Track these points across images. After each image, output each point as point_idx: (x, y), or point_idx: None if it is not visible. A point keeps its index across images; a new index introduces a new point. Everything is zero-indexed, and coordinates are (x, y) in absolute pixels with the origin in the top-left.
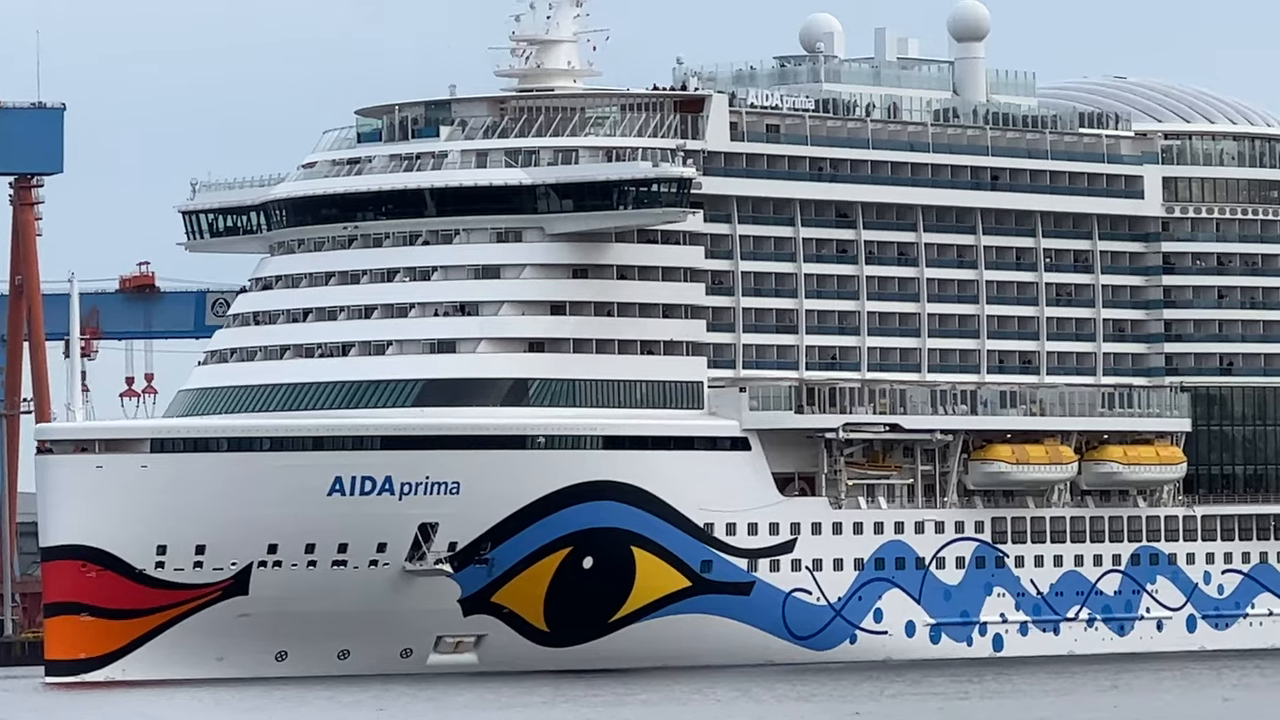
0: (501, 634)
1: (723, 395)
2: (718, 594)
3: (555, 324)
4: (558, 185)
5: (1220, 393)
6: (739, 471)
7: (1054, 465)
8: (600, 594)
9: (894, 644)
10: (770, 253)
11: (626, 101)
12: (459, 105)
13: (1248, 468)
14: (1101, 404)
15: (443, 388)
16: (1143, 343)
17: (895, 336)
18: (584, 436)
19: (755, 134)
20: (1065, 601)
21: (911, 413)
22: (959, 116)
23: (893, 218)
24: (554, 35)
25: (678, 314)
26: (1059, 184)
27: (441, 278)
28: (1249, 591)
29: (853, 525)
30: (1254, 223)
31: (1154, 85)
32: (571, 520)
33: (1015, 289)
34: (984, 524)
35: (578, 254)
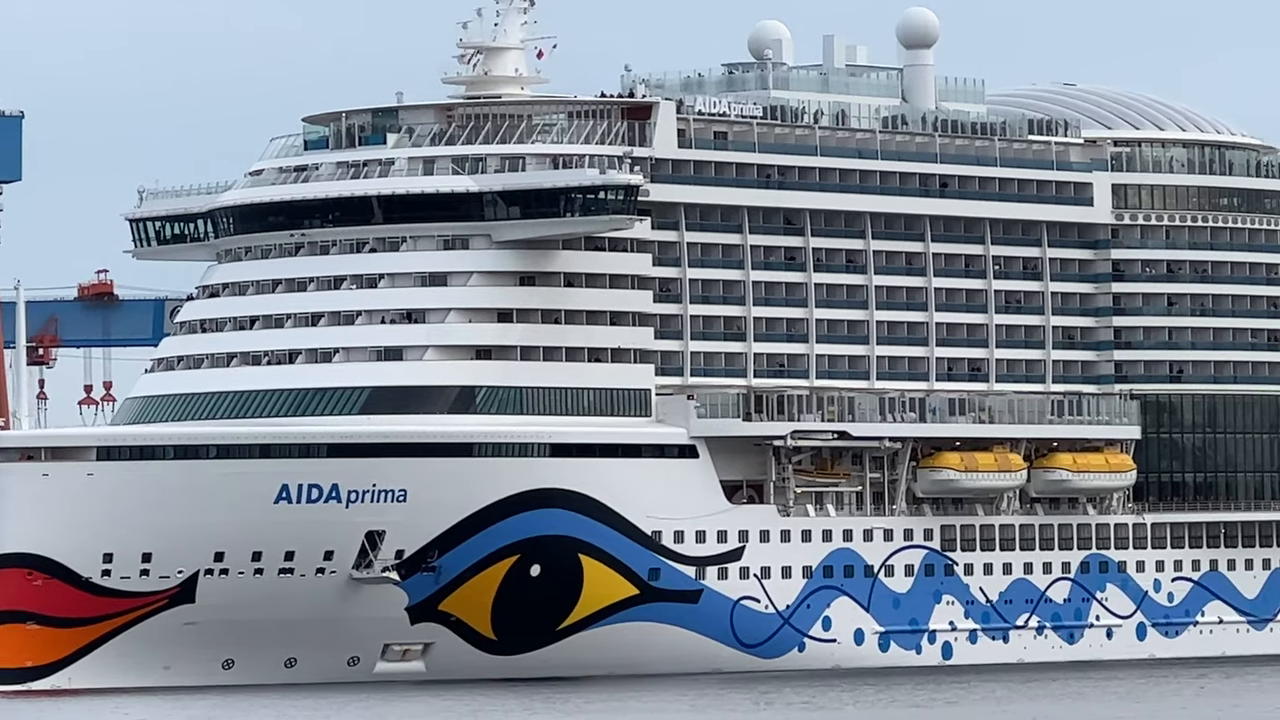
0: (449, 642)
1: (670, 403)
2: (665, 602)
3: (502, 331)
4: (505, 192)
5: (1170, 400)
6: (687, 479)
7: (1003, 473)
8: (548, 602)
9: (843, 652)
10: (718, 260)
11: (574, 109)
12: (406, 112)
13: (1198, 475)
14: (1051, 411)
15: (389, 395)
16: (1092, 350)
17: (844, 344)
18: (531, 444)
19: (703, 141)
20: (1015, 609)
21: (860, 420)
22: (907, 124)
23: (841, 225)
24: (501, 42)
25: (625, 321)
26: (1008, 191)
27: (388, 285)
28: (1199, 599)
29: (801, 533)
30: (1204, 230)
31: (1103, 92)
32: (519, 528)
33: (964, 296)
34: (933, 532)
35: (525, 261)
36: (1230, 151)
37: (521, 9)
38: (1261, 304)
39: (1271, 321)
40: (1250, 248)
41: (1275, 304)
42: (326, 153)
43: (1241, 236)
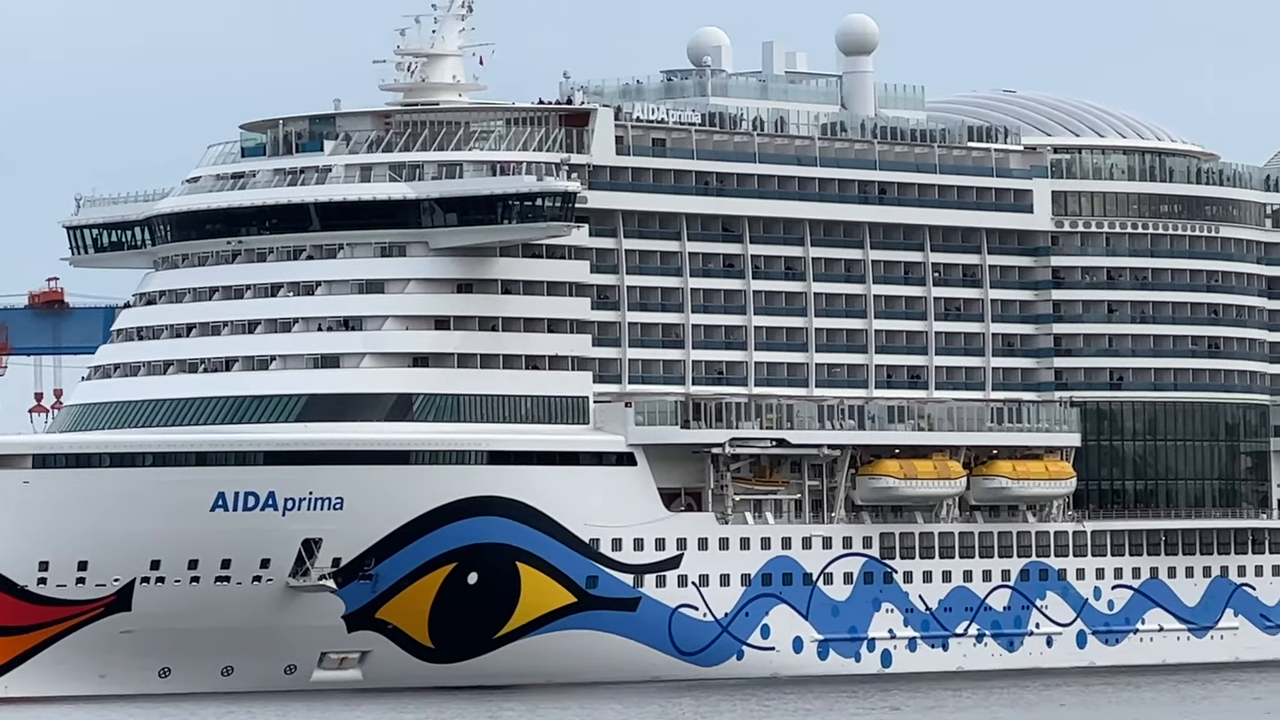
0: (386, 650)
1: (608, 410)
2: (603, 610)
3: (439, 339)
4: (442, 199)
5: (1110, 407)
6: (625, 487)
7: (942, 480)
8: (485, 610)
9: (781, 660)
10: (656, 267)
11: (512, 115)
12: (343, 119)
13: (1138, 483)
14: (990, 419)
15: (326, 403)
16: (1032, 357)
17: (782, 351)
18: (468, 451)
19: (641, 148)
20: (954, 617)
21: (799, 428)
22: (847, 130)
23: (780, 232)
24: (439, 49)
25: (563, 329)
26: (947, 198)
27: (325, 292)
28: (1139, 607)
29: (739, 541)
30: (1144, 237)
31: (1043, 99)
32: (456, 536)
33: (903, 303)
34: (872, 539)
35: (462, 268)
36: (1171, 158)
37: (460, 16)
38: (1202, 311)
39: (1212, 329)
40: (1191, 255)
41: (1216, 311)
42: (263, 160)
43: (1182, 243)
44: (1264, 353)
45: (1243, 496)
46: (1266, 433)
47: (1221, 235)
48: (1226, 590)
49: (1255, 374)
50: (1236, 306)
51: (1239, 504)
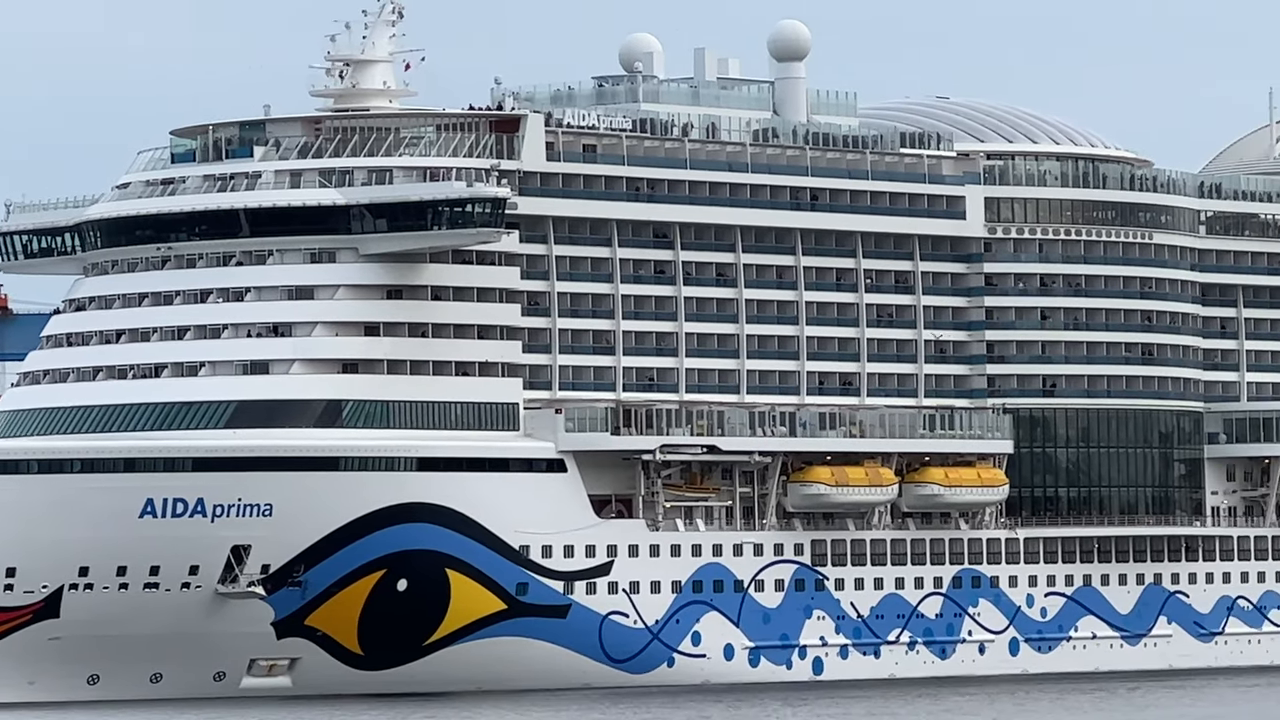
0: (315, 657)
1: (538, 417)
2: (533, 617)
3: (369, 345)
4: (371, 205)
5: (1043, 414)
6: (555, 493)
7: (874, 487)
8: (415, 617)
9: (712, 667)
10: (587, 273)
11: (442, 121)
12: (273, 125)
13: (1071, 490)
14: (922, 426)
15: (256, 409)
16: (964, 364)
17: (713, 358)
18: (398, 458)
19: (572, 154)
20: (886, 624)
21: (729, 434)
22: (779, 136)
23: (711, 238)
24: (369, 55)
25: (493, 335)
26: (880, 204)
27: (255, 298)
28: (1072, 614)
29: (670, 547)
30: (1077, 243)
31: (977, 105)
32: (385, 542)
33: (835, 310)
34: (803, 546)
35: (392, 275)
36: (1104, 165)
37: (390, 22)
38: (1135, 318)
39: (1145, 335)
40: (1124, 261)
41: (1149, 318)
42: (193, 166)
43: (1115, 250)
44: (1197, 360)
45: (1176, 504)
46: (1200, 440)
47: (1155, 242)
48: (1160, 598)
49: (1188, 381)
50: (1170, 313)
51: (1172, 511)
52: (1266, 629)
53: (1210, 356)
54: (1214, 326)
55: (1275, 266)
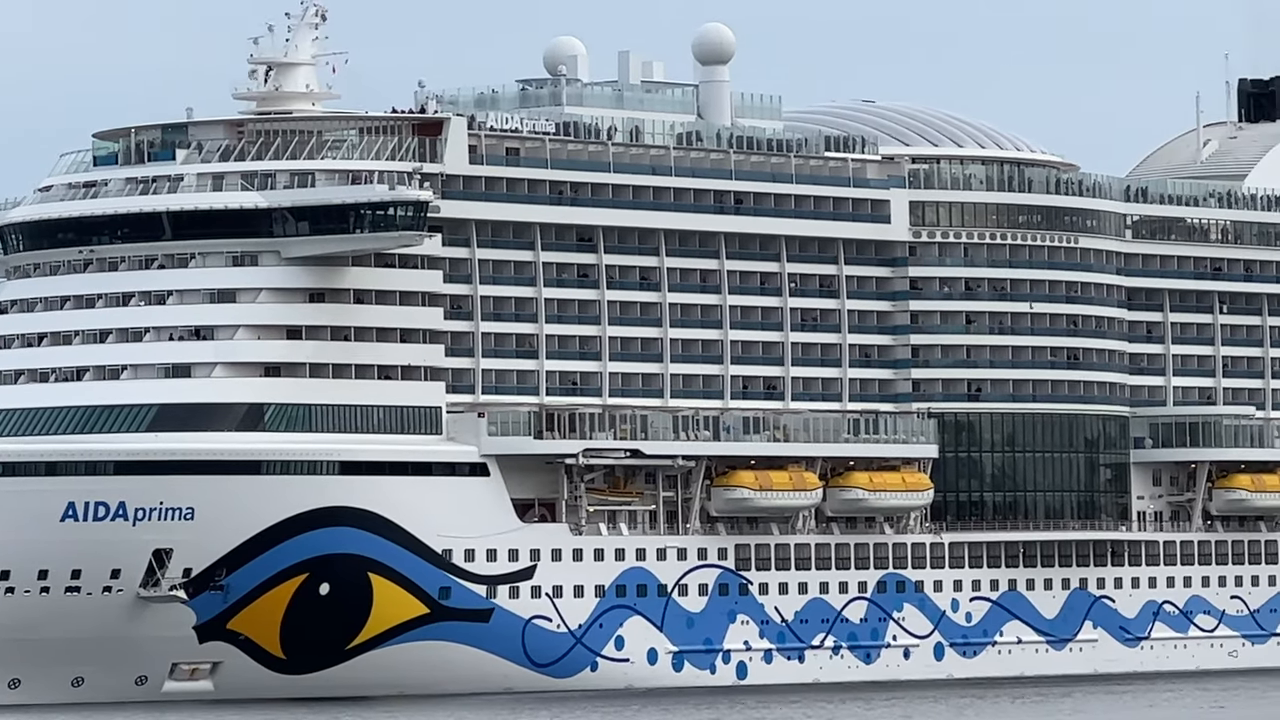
0: (237, 661)
1: (461, 420)
2: (456, 621)
3: (291, 348)
4: (294, 209)
5: (968, 419)
6: (477, 497)
7: (798, 491)
8: (337, 621)
9: (636, 672)
10: (510, 277)
11: (365, 124)
12: (196, 128)
13: (996, 495)
14: (847, 430)
15: (177, 412)
16: (889, 368)
17: (637, 362)
18: (320, 462)
19: (495, 157)
20: (810, 629)
21: (653, 438)
22: (703, 140)
23: (635, 242)
24: (293, 58)
25: (415, 339)
26: (804, 208)
27: (177, 302)
28: (997, 619)
29: (593, 552)
30: (1002, 247)
31: (902, 109)
32: (308, 546)
33: (759, 314)
34: (727, 551)
35: (314, 278)
36: (1030, 169)
37: (313, 24)
38: (1061, 322)
39: (1071, 340)
40: (1050, 265)
41: (1075, 322)
42: (116, 169)
43: (1041, 254)
44: (1123, 364)
45: (1102, 508)
46: (1126, 444)
47: (1081, 246)
48: (1085, 602)
49: (1114, 385)
50: (1096, 317)
51: (1098, 516)
52: (1193, 634)
53: (1136, 361)
54: (1140, 331)
55: (1202, 270)
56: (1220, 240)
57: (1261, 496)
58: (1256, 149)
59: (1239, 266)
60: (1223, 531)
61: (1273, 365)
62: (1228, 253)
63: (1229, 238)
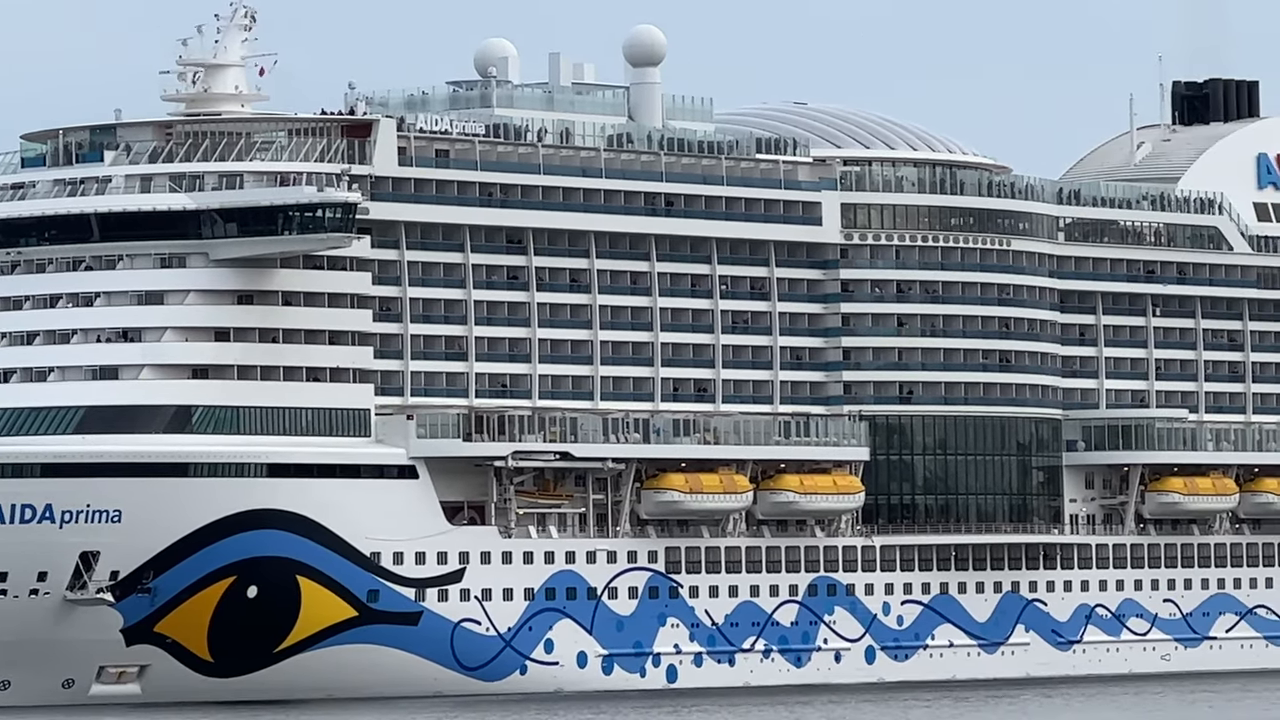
0: (165, 664)
1: (390, 423)
2: (385, 624)
3: (219, 350)
4: (222, 210)
5: (900, 421)
6: (406, 500)
7: (728, 494)
8: (265, 624)
9: (565, 675)
10: (439, 279)
11: (294, 126)
12: (124, 130)
13: (928, 498)
14: (778, 432)
15: (105, 415)
16: (820, 371)
17: (567, 364)
18: (248, 464)
19: (424, 159)
20: (741, 632)
21: (583, 441)
22: (633, 142)
23: (565, 244)
24: (222, 59)
25: (344, 340)
26: (735, 210)
27: (105, 304)
28: (929, 622)
29: (523, 554)
30: (934, 250)
31: (834, 111)
32: (235, 549)
33: (690, 316)
34: (657, 554)
35: (242, 280)
36: (962, 171)
37: (243, 26)
38: (993, 325)
39: (1003, 343)
40: (982, 268)
41: (1007, 325)
42: (44, 170)
43: (973, 257)
44: (1056, 367)
45: (1034, 512)
46: (1059, 447)
47: (1013, 248)
48: (1018, 606)
49: (1047, 388)
50: (1028, 320)
51: (1031, 519)
52: (1125, 637)
53: (1069, 364)
54: (1073, 333)
55: (1134, 273)
56: (1153, 243)
57: (1194, 500)
58: (1190, 152)
59: (1172, 269)
60: (1155, 535)
61: (1205, 368)
62: (1161, 255)
63: (1162, 240)
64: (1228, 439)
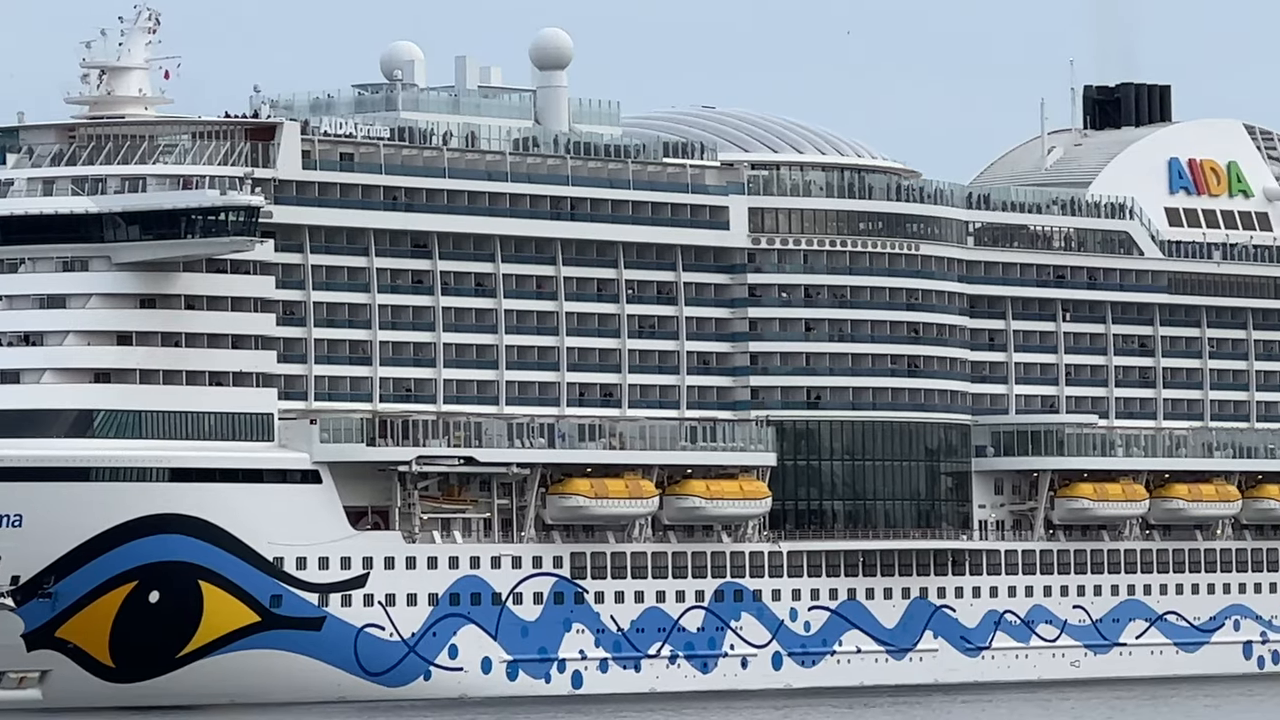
0: (67, 669)
1: (293, 427)
2: (288, 629)
3: (122, 354)
4: (125, 213)
5: (808, 426)
6: (309, 505)
7: (634, 499)
8: (167, 629)
9: (470, 681)
10: (344, 283)
11: (198, 129)
12: (26, 132)
13: (836, 503)
14: (684, 438)
15: (6, 419)
16: (727, 376)
17: (472, 368)
18: (150, 469)
19: (328, 162)
20: (646, 638)
21: (487, 446)
22: (539, 145)
23: (470, 248)
24: (126, 62)
25: (247, 345)
26: (641, 214)
27: (6, 307)
28: (836, 628)
29: (427, 560)
30: (843, 254)
31: (742, 115)
32: (137, 554)
33: (596, 321)
34: (563, 559)
35: (145, 283)
36: (870, 175)
37: (147, 29)
38: (901, 330)
39: (911, 348)
40: (890, 273)
41: (915, 330)
42: None
43: (881, 261)
44: (965, 372)
45: (943, 517)
46: (967, 453)
47: (922, 253)
48: (926, 612)
49: (956, 393)
50: (937, 325)
51: (939, 525)
52: (1034, 644)
53: (978, 369)
54: (982, 339)
55: (1044, 278)
56: (1063, 248)
57: (1103, 505)
58: (1101, 156)
59: (1082, 274)
60: (1065, 541)
61: (1116, 373)
62: (1071, 260)
63: (1072, 245)
64: (1138, 444)
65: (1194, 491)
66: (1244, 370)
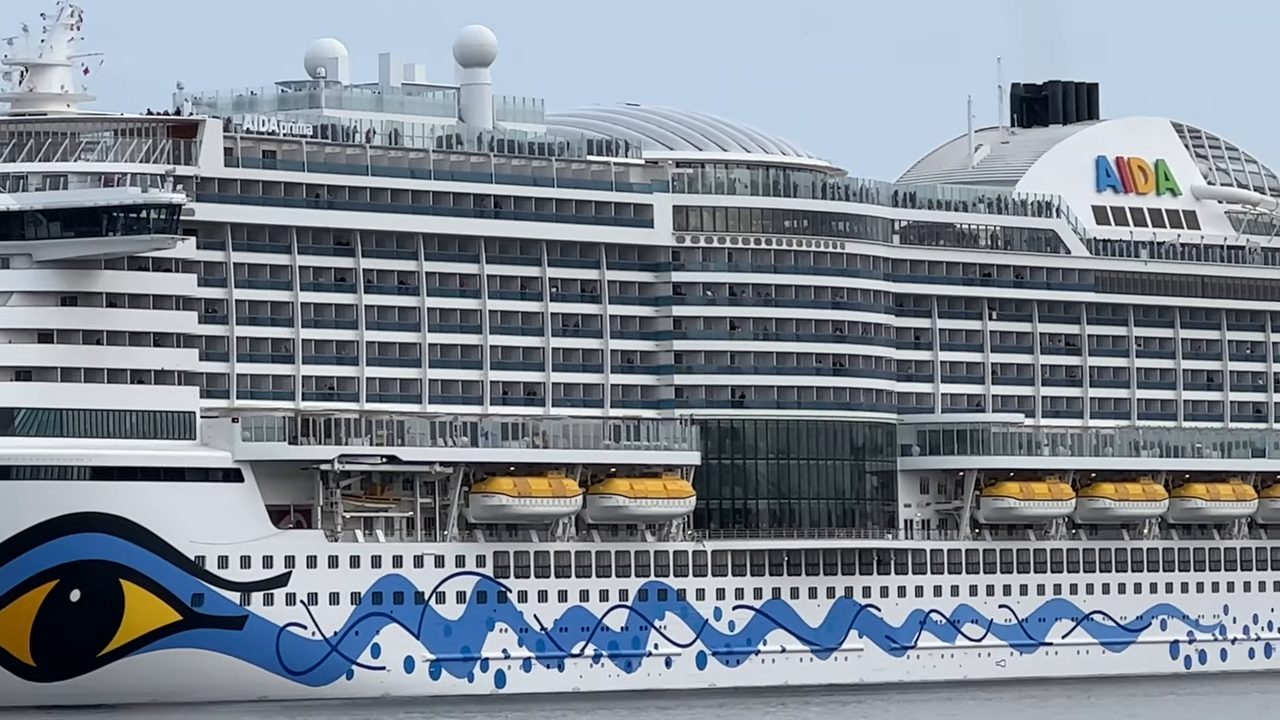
0: None
1: (215, 425)
2: (209, 628)
3: (43, 352)
4: (46, 211)
5: (732, 425)
6: (231, 503)
7: (557, 498)
8: (88, 628)
9: (393, 680)
10: (266, 281)
11: (120, 126)
12: None
13: (761, 502)
14: (608, 436)
15: None
16: (652, 374)
17: (395, 367)
18: (71, 467)
19: (251, 160)
20: (570, 637)
21: (410, 444)
22: (463, 143)
23: (393, 246)
24: (48, 59)
25: (169, 343)
26: (565, 212)
27: None
28: (761, 628)
29: (349, 558)
30: (768, 253)
31: (667, 113)
32: (58, 552)
33: (520, 319)
34: (485, 558)
35: (67, 281)
36: (796, 173)
37: (69, 25)
38: (827, 328)
39: (836, 346)
40: (815, 271)
41: (841, 329)
42: None
43: (806, 259)
44: (891, 371)
45: (869, 516)
46: (893, 452)
47: (847, 251)
48: (851, 611)
49: (882, 392)
50: (863, 324)
51: (865, 524)
52: (960, 643)
53: (904, 368)
54: (908, 337)
55: (970, 277)
56: (990, 246)
57: (1030, 505)
58: (1028, 154)
59: (1009, 272)
60: (991, 540)
61: (1042, 372)
62: (997, 258)
63: (999, 243)
64: (1064, 444)
65: (1121, 491)
66: (1171, 369)
